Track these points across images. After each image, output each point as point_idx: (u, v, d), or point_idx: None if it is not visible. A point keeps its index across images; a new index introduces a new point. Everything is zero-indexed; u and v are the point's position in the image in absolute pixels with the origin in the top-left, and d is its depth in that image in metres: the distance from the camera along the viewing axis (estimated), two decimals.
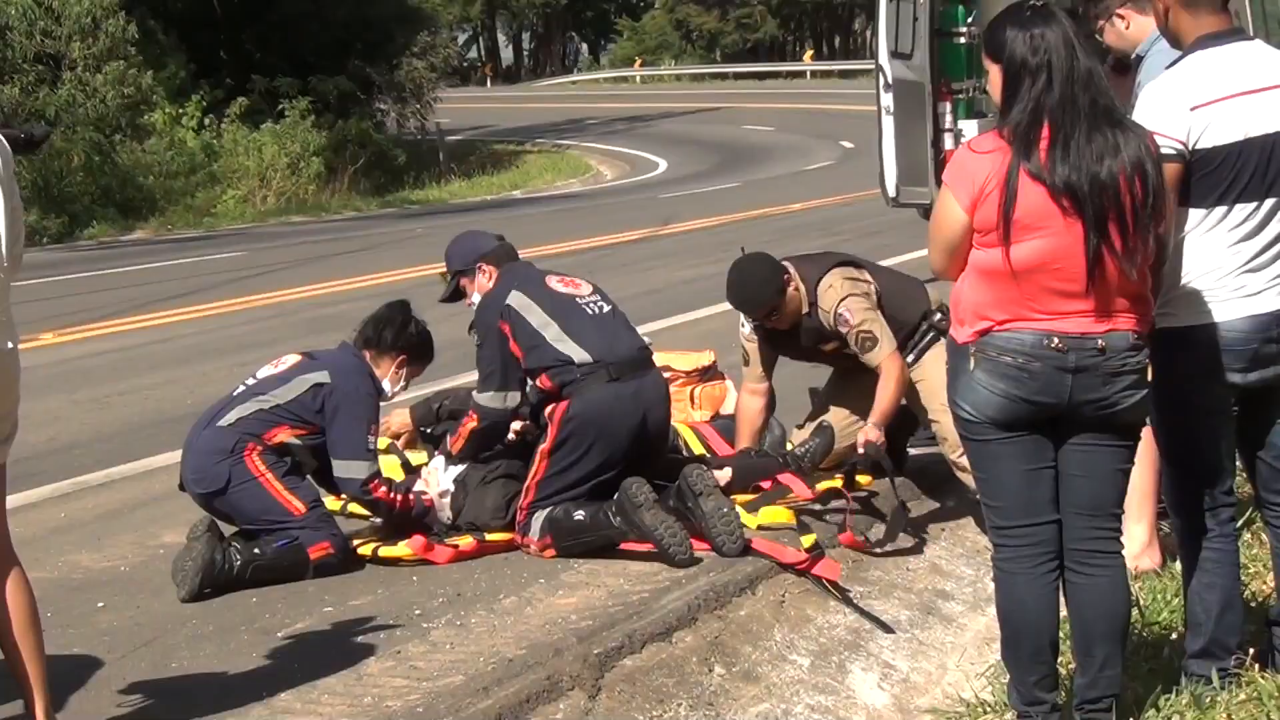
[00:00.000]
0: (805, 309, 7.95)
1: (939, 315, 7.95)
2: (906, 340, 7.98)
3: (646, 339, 7.99)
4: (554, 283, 7.82)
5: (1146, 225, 4.95)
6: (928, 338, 8.02)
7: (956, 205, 5.06)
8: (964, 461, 7.73)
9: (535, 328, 7.57)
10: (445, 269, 8.13)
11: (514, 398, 7.67)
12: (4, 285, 4.92)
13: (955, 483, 7.95)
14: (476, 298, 7.90)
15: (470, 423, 7.78)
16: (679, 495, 7.33)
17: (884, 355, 7.73)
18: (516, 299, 7.65)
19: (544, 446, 7.54)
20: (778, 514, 7.59)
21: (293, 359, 7.76)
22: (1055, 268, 4.97)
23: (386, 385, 7.81)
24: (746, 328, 8.15)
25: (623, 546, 7.33)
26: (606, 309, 7.82)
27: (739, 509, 7.46)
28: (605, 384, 7.50)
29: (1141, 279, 5.02)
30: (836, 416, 8.24)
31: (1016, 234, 4.95)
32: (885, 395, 7.75)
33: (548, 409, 7.60)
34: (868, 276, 8.00)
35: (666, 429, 8.01)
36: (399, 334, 7.85)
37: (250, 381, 7.71)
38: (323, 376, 7.57)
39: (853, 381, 8.13)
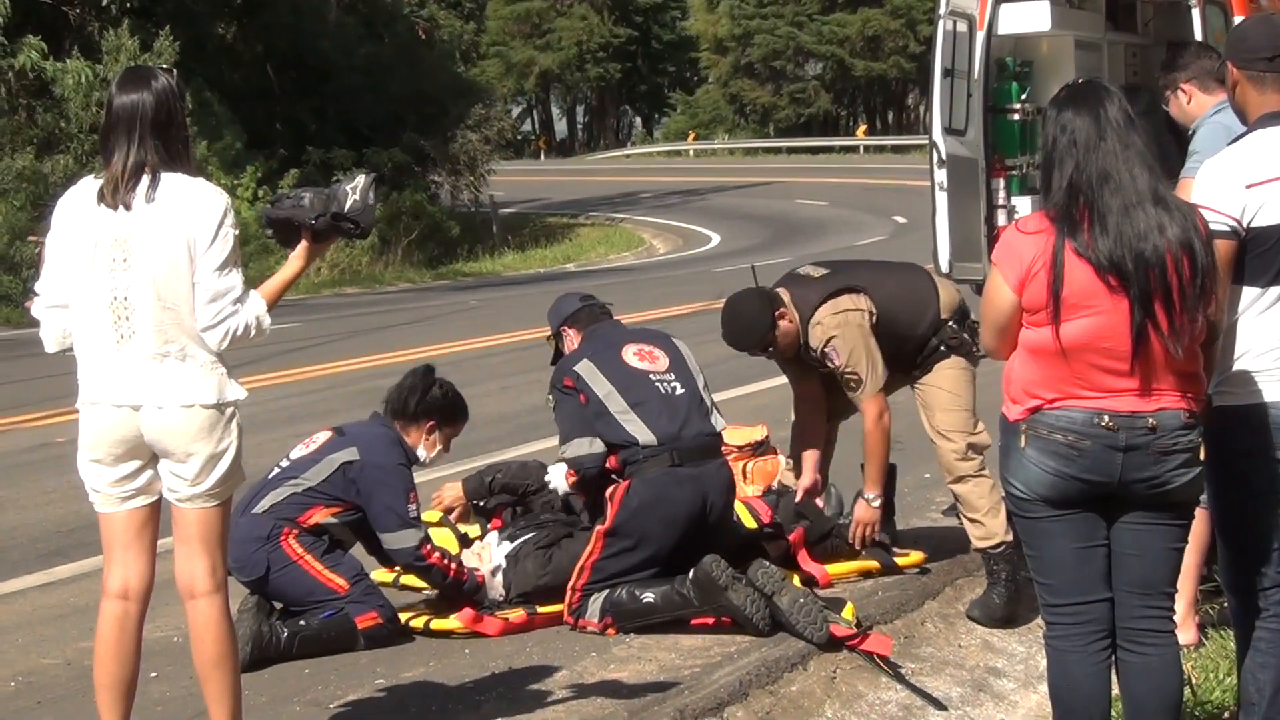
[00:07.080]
0: (801, 339, 7.89)
1: (952, 327, 7.86)
2: (916, 353, 7.91)
3: (720, 423, 7.91)
4: (630, 355, 7.78)
5: (1195, 305, 4.96)
6: (937, 352, 7.92)
7: (1005, 285, 5.08)
8: (959, 489, 7.74)
9: (600, 396, 7.57)
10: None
11: (598, 442, 7.57)
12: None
13: None
14: None
15: (572, 479, 7.84)
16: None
17: (867, 395, 7.75)
18: (584, 367, 7.67)
19: (601, 527, 7.50)
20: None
21: (323, 436, 7.76)
22: (1104, 346, 4.98)
23: (421, 452, 7.81)
24: None
25: (692, 622, 7.34)
26: (680, 390, 7.75)
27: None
28: (667, 468, 7.48)
29: (1191, 357, 5.02)
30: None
31: (1065, 313, 4.96)
32: (871, 454, 7.86)
33: (609, 489, 7.56)
34: (863, 304, 7.80)
35: (728, 517, 7.92)
36: (422, 400, 7.84)
37: (284, 464, 7.70)
38: (351, 454, 7.55)
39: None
